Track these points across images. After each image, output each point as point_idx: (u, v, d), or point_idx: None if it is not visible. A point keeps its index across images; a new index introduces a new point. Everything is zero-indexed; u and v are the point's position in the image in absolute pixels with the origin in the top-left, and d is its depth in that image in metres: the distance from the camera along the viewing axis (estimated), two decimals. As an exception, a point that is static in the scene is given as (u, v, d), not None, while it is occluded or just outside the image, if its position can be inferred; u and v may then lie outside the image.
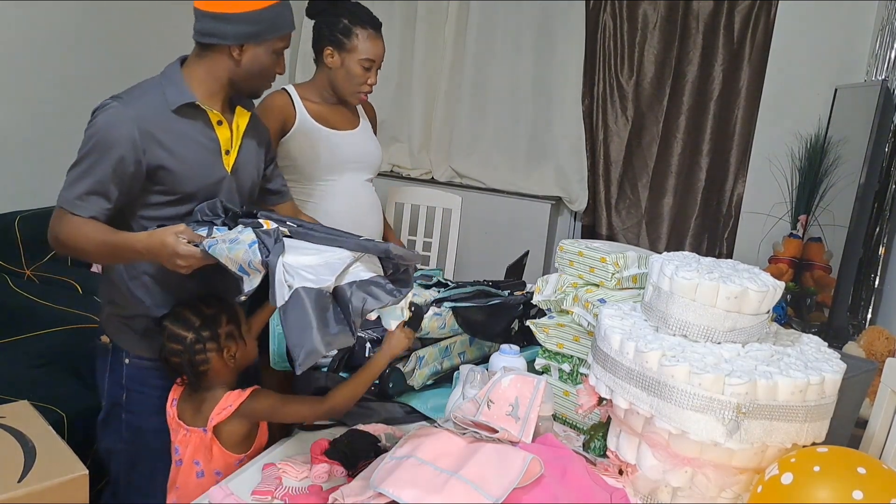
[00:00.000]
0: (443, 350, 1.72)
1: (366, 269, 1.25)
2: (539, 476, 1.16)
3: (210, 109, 1.56)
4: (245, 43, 1.51)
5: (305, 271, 1.21)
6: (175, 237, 1.35)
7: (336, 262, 1.24)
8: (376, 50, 2.07)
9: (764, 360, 1.17)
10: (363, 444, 1.36)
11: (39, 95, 2.78)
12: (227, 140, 1.61)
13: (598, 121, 3.60)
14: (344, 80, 2.08)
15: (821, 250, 2.82)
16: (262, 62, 1.55)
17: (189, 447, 1.46)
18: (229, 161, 1.61)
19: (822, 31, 3.10)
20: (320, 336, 1.13)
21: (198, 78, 1.56)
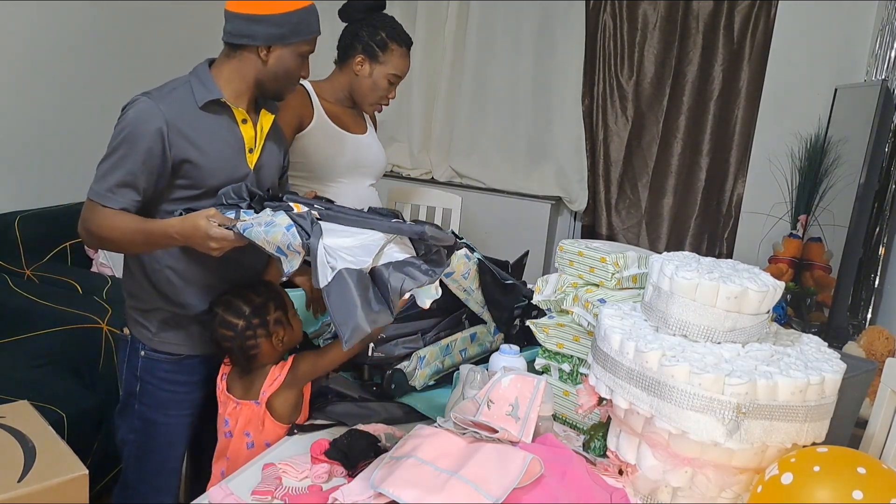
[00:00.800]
0: (444, 348, 1.73)
1: (399, 250, 1.28)
2: (539, 476, 1.16)
3: (236, 107, 1.60)
4: (273, 44, 1.56)
5: (345, 252, 1.25)
6: (207, 220, 1.39)
7: (371, 243, 1.28)
8: (405, 68, 2.15)
9: (764, 360, 1.17)
10: (363, 444, 1.36)
11: (40, 96, 2.78)
12: (252, 138, 1.64)
13: (598, 121, 3.60)
14: (368, 90, 2.13)
15: (821, 250, 2.82)
16: (287, 64, 1.59)
17: (240, 420, 1.53)
18: (252, 159, 1.64)
19: (822, 31, 3.10)
20: (364, 314, 1.17)
21: (225, 77, 1.60)
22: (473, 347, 1.81)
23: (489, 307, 1.81)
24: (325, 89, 2.15)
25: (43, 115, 2.79)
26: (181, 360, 1.64)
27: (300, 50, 1.60)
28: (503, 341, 1.87)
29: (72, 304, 2.42)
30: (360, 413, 1.55)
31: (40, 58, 2.78)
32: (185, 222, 1.43)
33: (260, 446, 1.50)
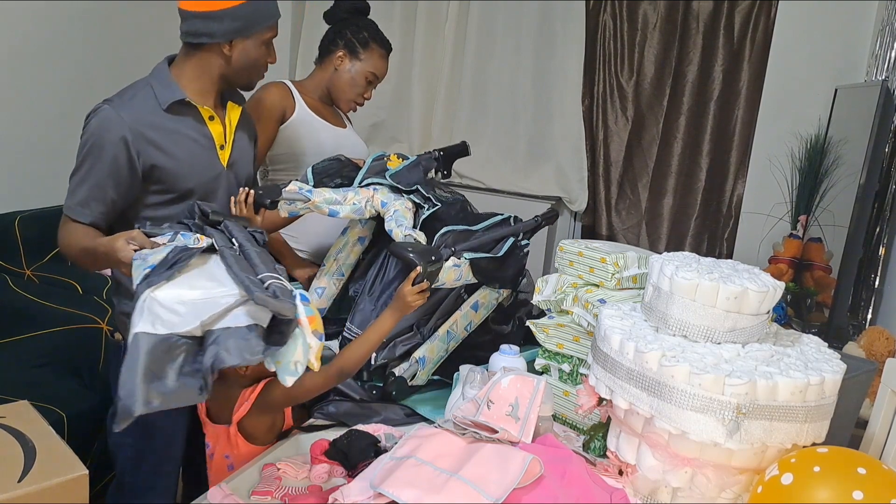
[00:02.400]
0: (444, 337, 1.72)
1: (246, 314, 1.14)
2: (539, 476, 1.16)
3: (201, 106, 1.57)
4: (234, 39, 1.54)
5: (178, 306, 1.12)
6: (124, 242, 1.34)
7: (220, 300, 1.14)
8: (384, 70, 2.21)
9: (764, 360, 1.17)
10: (363, 444, 1.36)
11: (40, 96, 2.78)
12: (221, 135, 1.62)
13: (598, 121, 3.60)
14: (346, 86, 2.17)
15: (821, 250, 2.82)
16: (252, 55, 1.57)
17: (218, 442, 1.49)
18: (225, 156, 1.62)
19: (823, 32, 3.10)
20: (142, 393, 1.04)
21: (188, 76, 1.57)
22: (479, 315, 1.80)
23: (490, 284, 1.80)
24: (305, 86, 2.19)
25: (43, 116, 2.79)
26: None
27: (262, 38, 1.57)
28: (511, 297, 1.89)
29: (72, 304, 2.42)
30: (361, 413, 1.55)
31: (40, 58, 2.77)
32: (109, 242, 1.38)
33: (240, 467, 1.43)
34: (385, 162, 1.85)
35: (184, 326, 1.09)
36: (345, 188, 1.77)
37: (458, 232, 1.72)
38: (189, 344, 1.10)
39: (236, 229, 1.38)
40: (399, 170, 1.82)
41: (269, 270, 1.22)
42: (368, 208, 1.76)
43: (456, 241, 1.66)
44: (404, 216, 1.72)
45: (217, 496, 1.24)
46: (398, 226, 1.69)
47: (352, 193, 1.75)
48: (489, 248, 1.70)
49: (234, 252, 1.28)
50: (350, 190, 1.76)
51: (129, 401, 1.03)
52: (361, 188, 1.78)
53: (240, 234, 1.36)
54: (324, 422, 1.54)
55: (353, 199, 1.74)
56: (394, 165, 1.83)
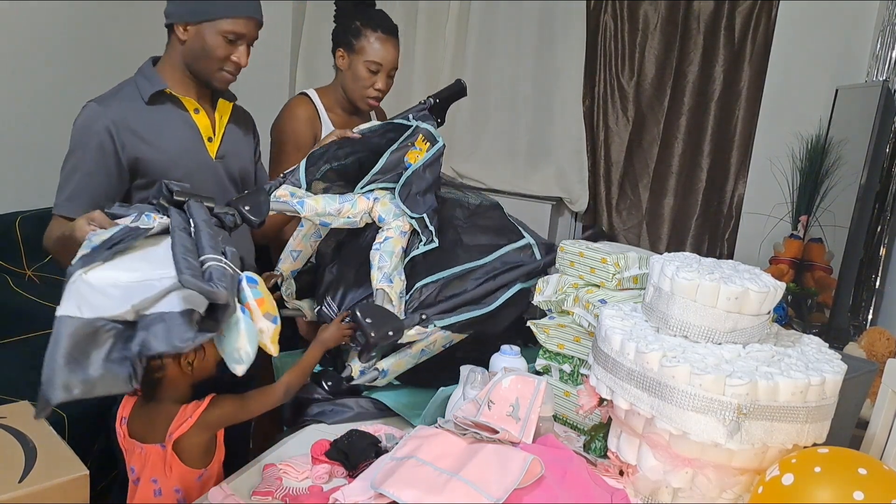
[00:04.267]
0: (416, 355, 1.63)
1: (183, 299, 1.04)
2: (540, 477, 1.16)
3: (183, 97, 1.58)
4: (188, 21, 1.54)
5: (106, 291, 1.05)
6: (84, 222, 1.30)
7: (155, 284, 1.06)
8: (384, 54, 2.05)
9: (765, 360, 1.17)
10: (364, 444, 1.36)
11: (40, 96, 2.78)
12: (208, 127, 1.62)
13: (599, 121, 3.60)
14: (351, 83, 2.09)
15: (822, 251, 2.82)
16: (207, 43, 1.56)
17: (146, 465, 1.40)
18: (213, 147, 1.63)
19: (823, 32, 3.10)
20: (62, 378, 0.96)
21: (166, 68, 1.59)
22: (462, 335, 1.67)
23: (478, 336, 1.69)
24: (326, 96, 2.14)
25: (44, 116, 2.79)
26: None
27: (219, 28, 1.56)
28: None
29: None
30: (335, 410, 1.56)
31: (41, 58, 2.78)
32: (72, 223, 1.34)
33: (168, 493, 1.38)
34: (406, 152, 1.67)
35: (114, 310, 1.01)
36: (342, 196, 1.64)
37: (442, 285, 1.61)
38: (119, 329, 1.01)
39: (198, 210, 1.29)
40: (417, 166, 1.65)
41: (215, 252, 1.14)
42: (364, 220, 1.65)
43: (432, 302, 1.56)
44: (393, 249, 1.59)
45: (218, 496, 1.24)
46: (379, 268, 1.57)
47: (348, 205, 1.62)
48: (480, 299, 1.62)
49: (185, 233, 1.21)
50: (347, 200, 1.63)
51: (47, 388, 0.94)
52: (361, 197, 1.64)
53: (200, 214, 1.27)
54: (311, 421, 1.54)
55: (348, 213, 1.62)
56: (413, 159, 1.67)
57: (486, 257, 1.69)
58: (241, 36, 1.58)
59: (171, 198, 1.33)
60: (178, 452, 1.37)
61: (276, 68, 3.76)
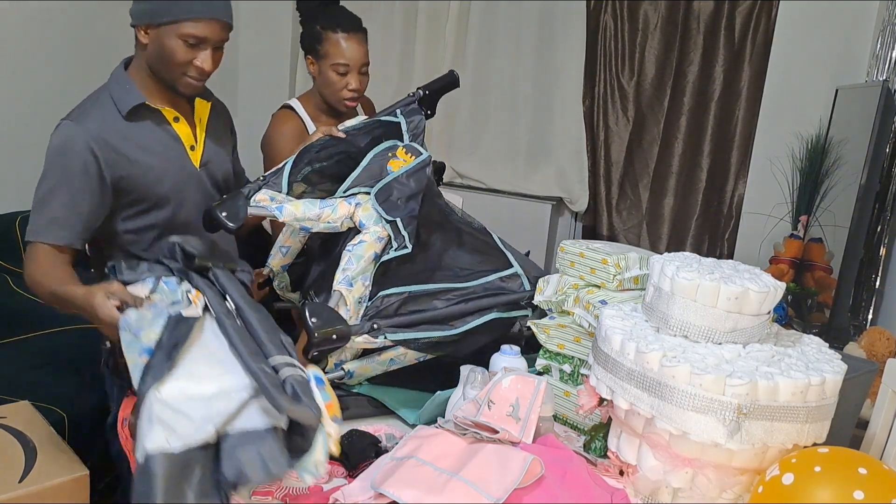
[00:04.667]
0: (384, 363, 1.59)
1: (263, 411, 1.01)
2: (540, 477, 1.16)
3: (163, 107, 1.52)
4: (147, 24, 1.47)
5: (185, 411, 1.00)
6: (103, 298, 1.25)
7: (233, 392, 1.03)
8: (349, 53, 1.99)
9: (765, 360, 1.17)
10: (364, 444, 1.36)
11: (40, 96, 2.78)
12: (189, 135, 1.57)
13: (599, 121, 3.60)
14: (324, 88, 2.05)
15: (822, 251, 2.82)
16: (164, 47, 1.47)
17: None
18: (196, 156, 1.58)
19: (823, 32, 3.10)
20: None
21: (138, 75, 1.53)
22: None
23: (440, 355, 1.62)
24: (309, 104, 2.10)
25: (44, 116, 2.79)
26: None
27: (179, 32, 1.46)
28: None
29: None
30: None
31: (41, 57, 2.78)
32: (87, 294, 1.28)
33: None
34: (388, 161, 1.66)
35: (197, 434, 0.98)
36: (322, 201, 1.60)
37: (407, 298, 1.56)
38: (205, 455, 0.99)
39: (227, 281, 1.24)
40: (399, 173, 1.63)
41: (278, 349, 1.10)
42: (346, 224, 1.61)
43: (390, 314, 1.51)
44: (364, 253, 1.54)
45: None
46: (343, 269, 1.53)
47: (328, 210, 1.58)
48: (445, 320, 1.56)
49: (232, 320, 1.16)
50: (327, 205, 1.59)
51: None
52: (342, 202, 1.60)
53: (233, 288, 1.22)
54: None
55: (328, 218, 1.58)
56: (396, 167, 1.65)
57: (466, 282, 1.63)
58: (204, 40, 1.49)
59: (191, 263, 1.27)
60: None
61: (276, 68, 3.76)
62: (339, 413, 1.06)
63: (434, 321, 1.56)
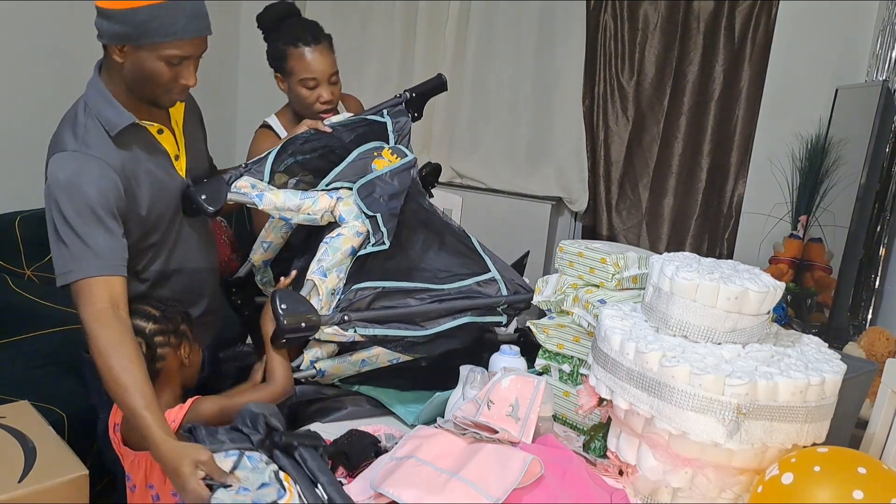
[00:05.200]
0: (356, 363, 1.58)
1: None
2: (539, 477, 1.16)
3: (149, 124, 1.47)
4: (121, 44, 1.37)
5: None
6: (192, 469, 1.17)
7: None
8: (315, 66, 1.93)
9: (764, 360, 1.17)
10: (364, 443, 1.36)
11: (39, 95, 2.78)
12: (173, 145, 1.54)
13: (599, 121, 3.60)
14: (297, 104, 2.01)
15: (821, 251, 2.82)
16: (146, 68, 1.38)
17: (140, 471, 1.40)
18: (181, 166, 1.55)
19: (823, 32, 3.10)
20: None
21: (115, 89, 1.44)
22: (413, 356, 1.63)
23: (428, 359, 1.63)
24: (287, 121, 2.06)
25: (43, 116, 2.79)
26: None
27: (160, 54, 1.36)
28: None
29: (72, 304, 2.41)
30: (330, 408, 1.55)
31: (41, 57, 2.78)
32: (172, 454, 1.20)
33: (166, 496, 1.38)
34: (373, 159, 1.64)
35: None
36: (304, 193, 1.59)
37: (380, 293, 1.54)
38: None
39: (316, 465, 1.19)
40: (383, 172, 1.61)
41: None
42: (326, 218, 1.59)
43: (362, 307, 1.50)
44: (341, 246, 1.54)
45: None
46: (319, 259, 1.51)
47: (308, 202, 1.56)
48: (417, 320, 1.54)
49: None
50: (308, 197, 1.57)
51: None
52: (324, 195, 1.58)
53: (323, 474, 1.17)
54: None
55: (308, 209, 1.56)
56: (381, 166, 1.63)
57: (443, 284, 1.61)
58: (186, 58, 1.40)
59: (277, 441, 1.22)
60: None
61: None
62: None
63: (406, 319, 1.54)
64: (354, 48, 3.76)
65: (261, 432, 1.23)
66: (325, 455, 1.23)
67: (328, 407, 1.55)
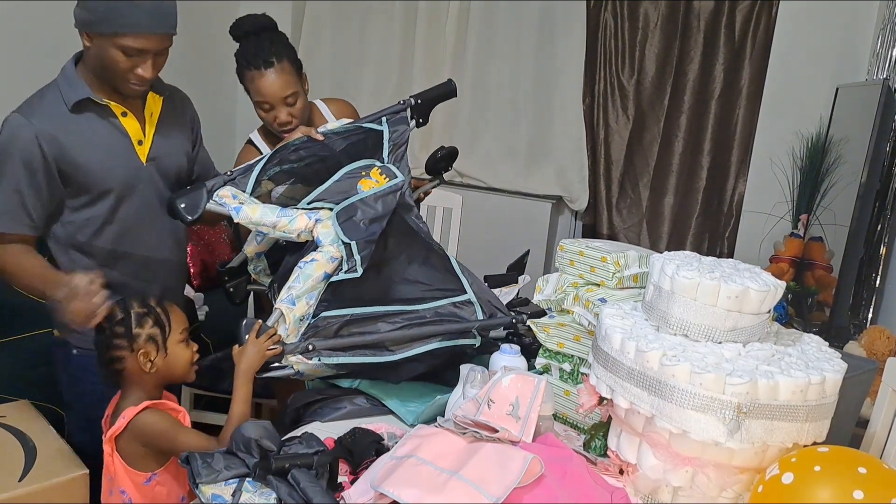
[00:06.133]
0: (336, 366, 1.56)
1: None
2: (539, 476, 1.15)
3: (110, 102, 1.54)
4: (87, 30, 1.49)
5: None
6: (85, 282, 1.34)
7: None
8: (265, 90, 1.90)
9: (765, 359, 1.17)
10: (367, 441, 1.36)
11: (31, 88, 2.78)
12: (138, 130, 1.59)
13: (599, 120, 3.60)
14: (264, 122, 2.00)
15: (822, 250, 2.82)
16: (104, 55, 1.48)
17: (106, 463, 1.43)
18: (144, 151, 1.59)
19: (824, 30, 3.10)
20: None
21: (86, 71, 1.55)
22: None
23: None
24: (266, 133, 2.05)
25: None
26: None
27: (118, 43, 1.46)
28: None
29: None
30: (329, 408, 1.55)
31: (41, 57, 2.77)
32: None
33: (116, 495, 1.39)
34: (359, 179, 1.60)
35: None
36: (282, 209, 1.57)
37: (348, 321, 1.51)
38: None
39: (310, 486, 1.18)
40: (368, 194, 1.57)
41: None
42: (304, 237, 1.57)
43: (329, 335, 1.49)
44: (313, 272, 1.51)
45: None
46: (289, 287, 1.50)
47: (285, 220, 1.55)
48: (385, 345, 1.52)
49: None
50: (286, 215, 1.56)
51: None
52: (302, 214, 1.57)
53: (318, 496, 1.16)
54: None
55: (284, 227, 1.55)
56: (367, 187, 1.59)
57: (418, 305, 1.58)
58: (144, 51, 1.49)
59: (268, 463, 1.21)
60: (119, 450, 1.38)
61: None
62: None
63: (374, 345, 1.53)
64: (354, 48, 3.76)
65: (255, 456, 1.24)
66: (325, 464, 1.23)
67: (328, 407, 1.55)
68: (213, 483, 1.21)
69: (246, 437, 1.25)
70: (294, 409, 1.59)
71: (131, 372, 1.42)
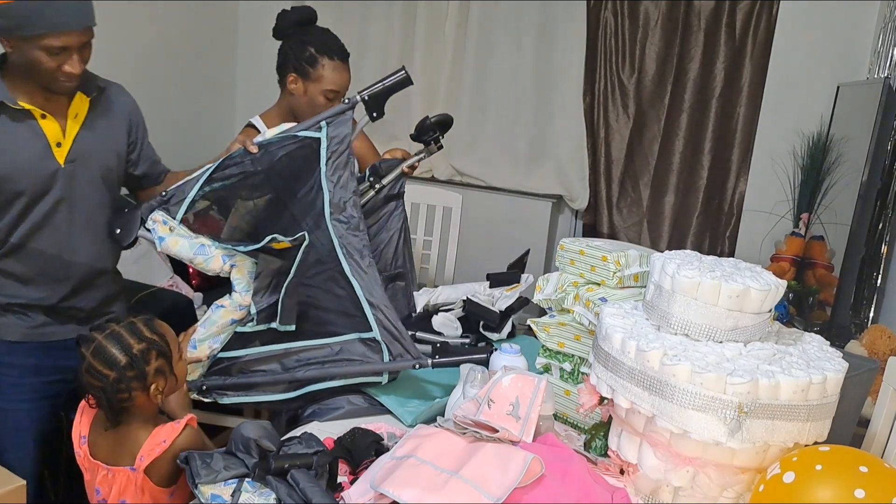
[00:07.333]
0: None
1: None
2: (540, 476, 1.15)
3: (24, 105, 1.53)
4: (8, 36, 1.48)
5: None
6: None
7: None
8: (341, 81, 2.03)
9: (766, 359, 1.16)
10: (366, 441, 1.36)
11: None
12: (57, 132, 1.58)
13: (600, 119, 3.60)
14: (306, 108, 2.03)
15: (823, 249, 2.81)
16: (29, 58, 1.48)
17: (114, 488, 1.37)
18: (62, 153, 1.58)
19: (825, 29, 3.10)
20: None
21: (8, 73, 1.54)
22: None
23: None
24: (273, 118, 2.06)
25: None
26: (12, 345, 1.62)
27: (41, 44, 1.45)
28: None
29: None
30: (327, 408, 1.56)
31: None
32: None
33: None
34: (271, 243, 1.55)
35: None
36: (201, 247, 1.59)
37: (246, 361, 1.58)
38: None
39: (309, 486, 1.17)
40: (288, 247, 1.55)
41: None
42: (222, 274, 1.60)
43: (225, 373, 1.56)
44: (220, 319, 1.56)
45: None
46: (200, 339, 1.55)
47: (201, 259, 1.58)
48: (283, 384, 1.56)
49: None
50: (202, 254, 1.58)
51: None
52: (218, 256, 1.59)
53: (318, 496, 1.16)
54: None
55: (199, 265, 1.59)
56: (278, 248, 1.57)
57: (325, 339, 1.59)
58: (67, 48, 1.48)
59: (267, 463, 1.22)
60: (150, 474, 1.34)
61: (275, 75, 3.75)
62: None
63: (272, 384, 1.56)
64: (354, 47, 3.75)
65: (254, 456, 1.24)
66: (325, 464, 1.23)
67: (326, 406, 1.55)
68: (212, 483, 1.21)
69: (245, 437, 1.25)
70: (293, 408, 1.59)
71: (138, 406, 1.38)
